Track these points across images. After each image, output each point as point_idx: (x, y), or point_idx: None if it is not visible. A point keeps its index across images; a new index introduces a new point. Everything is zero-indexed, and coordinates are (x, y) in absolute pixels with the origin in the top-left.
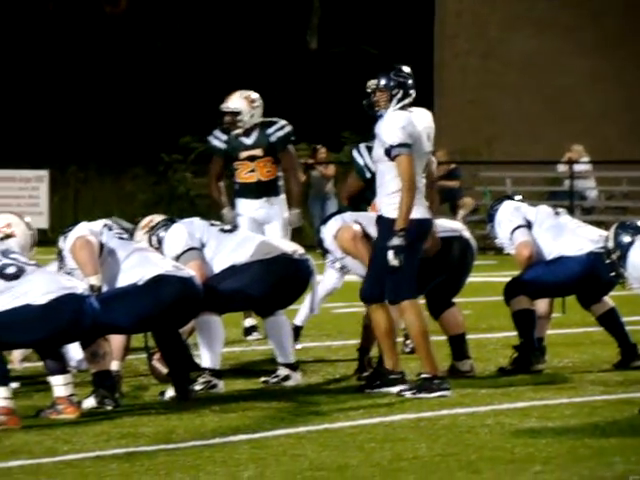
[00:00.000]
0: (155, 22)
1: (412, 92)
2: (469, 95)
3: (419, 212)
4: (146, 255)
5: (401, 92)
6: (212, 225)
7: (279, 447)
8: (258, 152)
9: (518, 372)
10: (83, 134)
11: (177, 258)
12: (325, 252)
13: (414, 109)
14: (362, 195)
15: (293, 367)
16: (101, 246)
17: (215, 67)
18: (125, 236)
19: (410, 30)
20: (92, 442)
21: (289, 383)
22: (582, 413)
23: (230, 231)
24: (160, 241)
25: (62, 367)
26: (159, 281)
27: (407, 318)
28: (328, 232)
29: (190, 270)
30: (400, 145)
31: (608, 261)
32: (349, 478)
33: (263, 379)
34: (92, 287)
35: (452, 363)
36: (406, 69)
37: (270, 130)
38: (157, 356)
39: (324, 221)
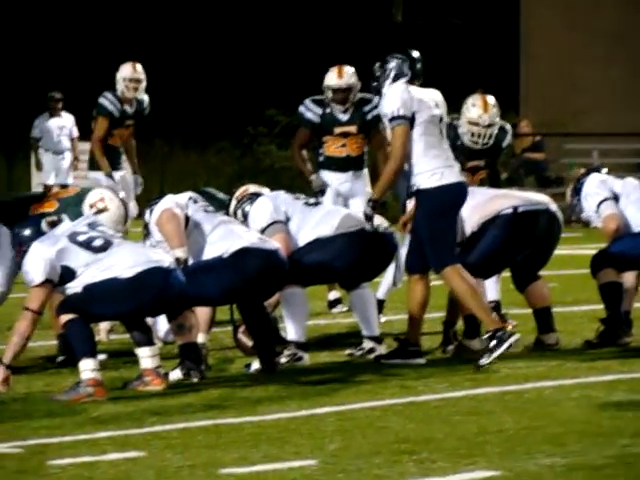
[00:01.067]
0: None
1: (410, 73)
2: (556, 66)
3: (449, 177)
4: (231, 228)
5: (394, 72)
6: (297, 198)
7: (365, 419)
8: (352, 129)
9: (605, 345)
10: (168, 107)
11: (262, 231)
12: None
13: (423, 88)
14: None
15: (378, 340)
16: (187, 219)
17: (300, 40)
18: (210, 209)
19: (495, 1)
20: (179, 414)
21: (374, 355)
22: None
23: (315, 204)
24: (246, 215)
25: (149, 339)
26: (244, 253)
27: (453, 284)
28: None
29: (275, 243)
30: (395, 117)
31: None
32: (434, 451)
33: (348, 352)
34: (178, 260)
35: (537, 336)
36: (412, 54)
37: (367, 108)
38: (242, 329)
39: (409, 195)
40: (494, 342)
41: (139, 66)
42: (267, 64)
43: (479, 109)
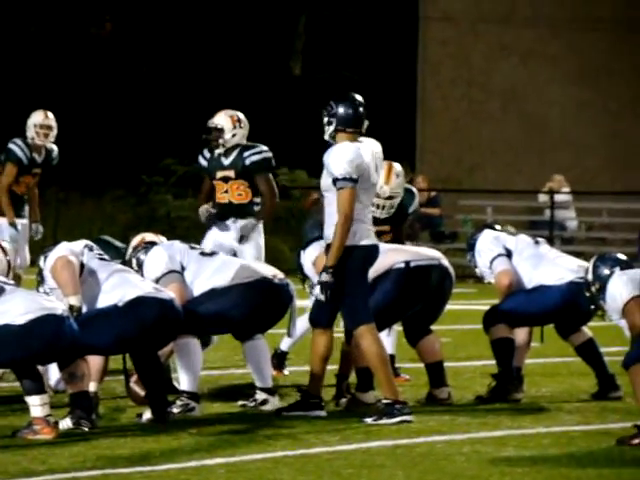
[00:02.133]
0: (140, 45)
1: (346, 123)
2: (451, 123)
3: (366, 239)
4: (126, 276)
5: (332, 121)
6: (192, 248)
7: (256, 471)
8: (231, 173)
9: (496, 401)
10: (64, 154)
11: (157, 280)
12: (304, 278)
13: (364, 139)
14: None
15: (271, 391)
16: (82, 266)
17: (198, 91)
18: (105, 257)
19: (394, 57)
20: (68, 463)
21: (267, 407)
22: (559, 443)
23: (210, 255)
24: (140, 264)
25: (39, 387)
26: (139, 302)
27: (364, 344)
28: (307, 258)
29: (170, 292)
30: (345, 179)
31: (588, 294)
32: None
33: (241, 403)
34: (72, 307)
35: (430, 390)
36: (354, 98)
37: (247, 153)
38: (134, 378)
39: (304, 247)
40: (388, 411)
41: (50, 114)
42: (163, 114)
43: (381, 180)
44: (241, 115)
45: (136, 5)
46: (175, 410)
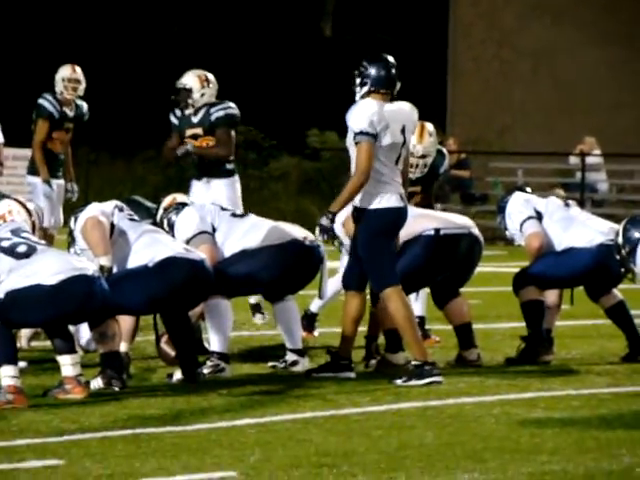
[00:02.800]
0: (172, 4)
1: (379, 84)
2: (482, 84)
3: (391, 201)
4: (157, 237)
5: (366, 82)
6: (223, 210)
7: (285, 432)
8: (199, 130)
9: (525, 363)
10: (94, 115)
11: (188, 241)
12: (334, 238)
13: (397, 103)
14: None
15: (301, 352)
16: (112, 227)
17: (229, 52)
18: (136, 217)
19: (425, 18)
20: (99, 422)
21: (297, 368)
22: (589, 405)
23: (241, 216)
24: (172, 224)
25: (70, 347)
26: (169, 263)
27: (391, 306)
28: (338, 219)
29: (201, 253)
30: (362, 133)
31: (618, 257)
32: (355, 464)
33: (271, 364)
34: (102, 268)
35: (459, 352)
36: (387, 59)
37: (213, 109)
38: (165, 338)
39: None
40: (417, 372)
41: (78, 68)
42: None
43: (414, 139)
44: (209, 74)
45: None
46: (205, 371)
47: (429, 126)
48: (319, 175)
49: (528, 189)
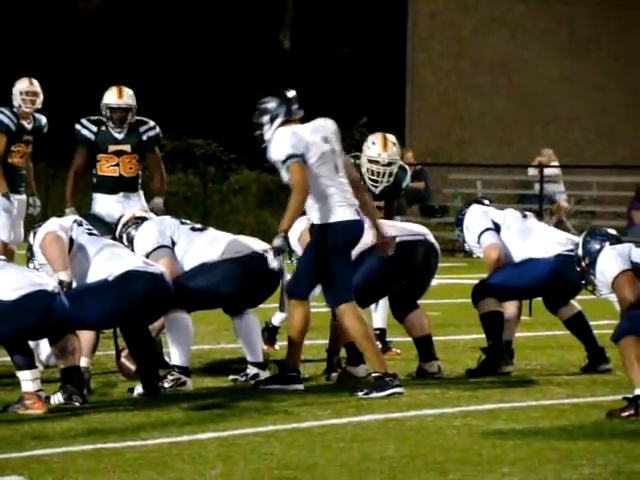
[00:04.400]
0: (129, 18)
1: (287, 113)
2: (441, 97)
3: (344, 214)
4: (116, 251)
5: (277, 115)
6: (183, 223)
7: (247, 445)
8: (127, 148)
9: (486, 374)
10: (53, 129)
11: (148, 255)
12: (291, 252)
13: (314, 121)
14: None
15: (262, 366)
16: (71, 242)
17: (187, 65)
18: (95, 232)
19: (383, 30)
20: (60, 438)
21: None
22: (549, 416)
23: (201, 230)
24: (131, 239)
25: (30, 362)
26: (129, 277)
27: (346, 322)
28: (293, 233)
29: (160, 267)
30: (288, 157)
31: (578, 269)
32: (317, 477)
33: (232, 377)
34: (62, 283)
35: (419, 364)
36: (283, 91)
37: (142, 129)
38: (125, 353)
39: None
40: (378, 384)
41: (35, 81)
42: (151, 88)
43: (378, 147)
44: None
45: None
46: (166, 384)
47: (390, 136)
48: (279, 188)
49: (486, 201)
